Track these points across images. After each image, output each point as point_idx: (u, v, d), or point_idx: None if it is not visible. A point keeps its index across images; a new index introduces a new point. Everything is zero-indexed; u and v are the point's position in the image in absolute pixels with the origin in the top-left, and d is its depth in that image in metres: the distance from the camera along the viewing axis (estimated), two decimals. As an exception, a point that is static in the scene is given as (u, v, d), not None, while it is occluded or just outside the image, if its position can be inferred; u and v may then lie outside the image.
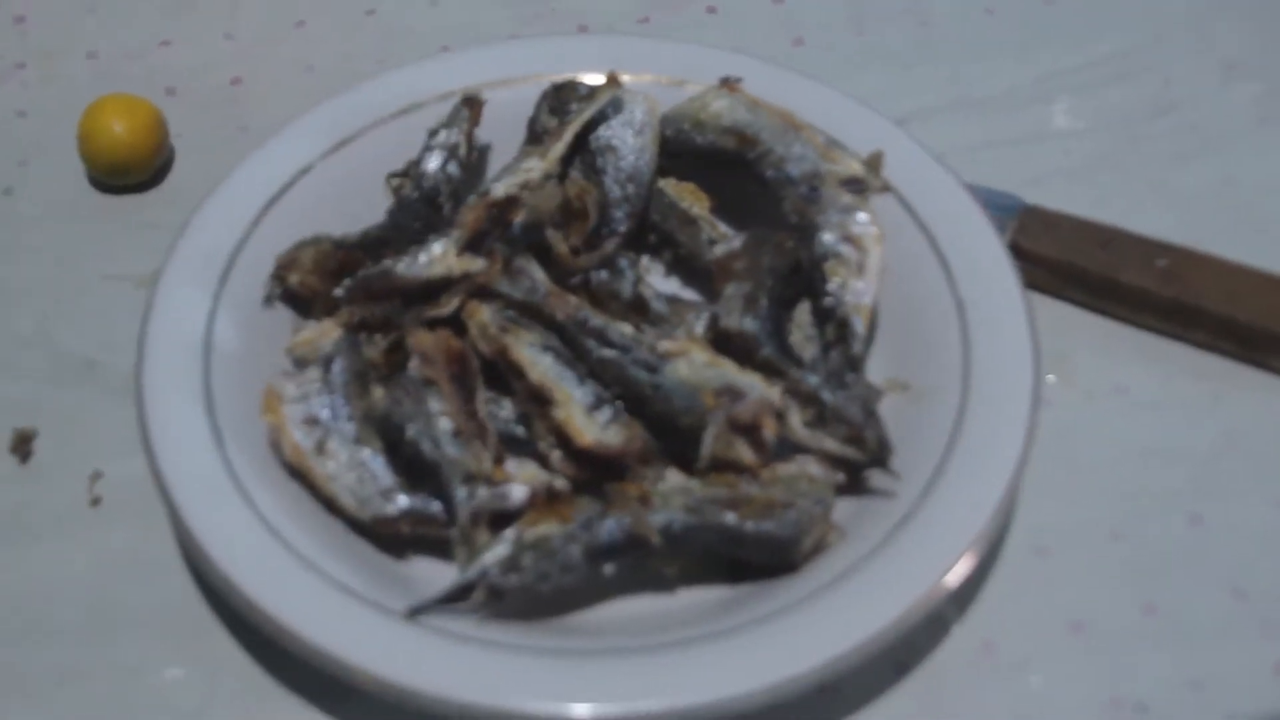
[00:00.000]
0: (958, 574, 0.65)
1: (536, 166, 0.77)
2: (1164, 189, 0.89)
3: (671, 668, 0.63)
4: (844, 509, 0.70)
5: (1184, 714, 0.68)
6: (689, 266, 0.81)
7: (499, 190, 0.76)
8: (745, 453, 0.68)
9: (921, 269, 0.77)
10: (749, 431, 0.69)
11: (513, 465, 0.69)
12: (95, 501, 0.74)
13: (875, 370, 0.75)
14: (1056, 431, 0.76)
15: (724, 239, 0.79)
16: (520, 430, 0.72)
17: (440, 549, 0.69)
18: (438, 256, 0.73)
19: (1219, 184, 0.89)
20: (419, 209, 0.78)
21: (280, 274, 0.75)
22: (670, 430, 0.70)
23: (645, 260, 0.81)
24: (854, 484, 0.71)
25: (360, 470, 0.69)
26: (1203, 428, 0.78)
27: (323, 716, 0.67)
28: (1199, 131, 0.92)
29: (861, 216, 0.75)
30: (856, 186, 0.77)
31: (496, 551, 0.65)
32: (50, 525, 0.74)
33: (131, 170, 0.87)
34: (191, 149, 0.90)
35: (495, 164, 0.84)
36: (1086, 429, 0.77)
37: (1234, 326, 0.79)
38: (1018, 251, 0.81)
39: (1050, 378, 0.78)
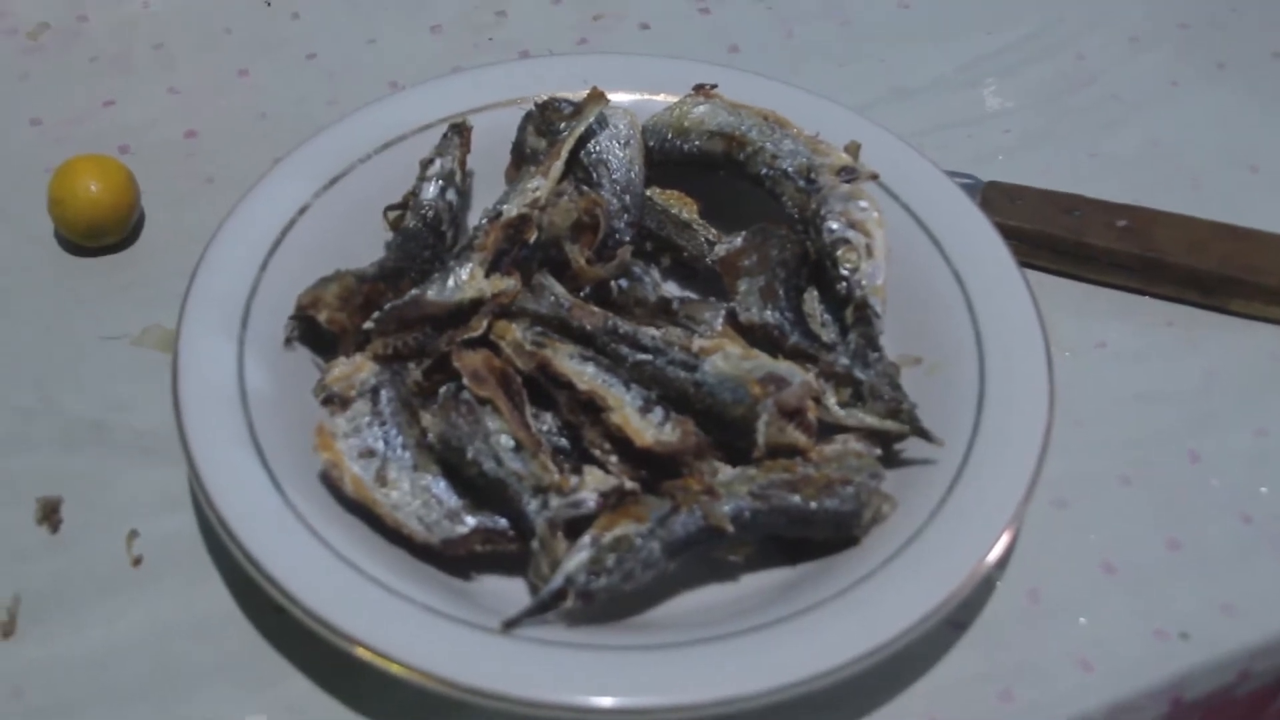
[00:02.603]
0: (1009, 535, 0.69)
1: (542, 185, 0.78)
2: (1099, 156, 0.95)
3: (766, 650, 0.65)
4: (888, 481, 0.73)
5: (1223, 636, 0.72)
6: (688, 269, 0.83)
7: (511, 211, 0.77)
8: (798, 436, 0.71)
9: (914, 247, 0.81)
10: (795, 415, 0.71)
11: (574, 476, 0.70)
12: (137, 561, 0.73)
13: (885, 348, 0.78)
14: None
15: (720, 240, 0.82)
16: (563, 441, 0.73)
17: (501, 565, 0.71)
18: (466, 280, 0.74)
19: (1146, 146, 0.96)
20: (425, 237, 0.79)
21: (304, 312, 0.75)
22: (717, 423, 0.72)
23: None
24: (890, 456, 0.74)
25: (425, 496, 0.70)
26: (1182, 371, 0.83)
27: (420, 746, 0.67)
28: (1119, 100, 0.98)
29: (862, 203, 0.78)
30: (850, 175, 0.80)
31: (579, 557, 0.66)
32: (96, 590, 0.72)
33: (108, 231, 0.86)
34: (159, 204, 0.89)
35: (479, 188, 0.85)
36: (1077, 385, 0.81)
37: (1195, 275, 0.85)
38: (987, 225, 0.86)
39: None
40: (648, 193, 0.84)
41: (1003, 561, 0.74)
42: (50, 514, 0.75)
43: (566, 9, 1.03)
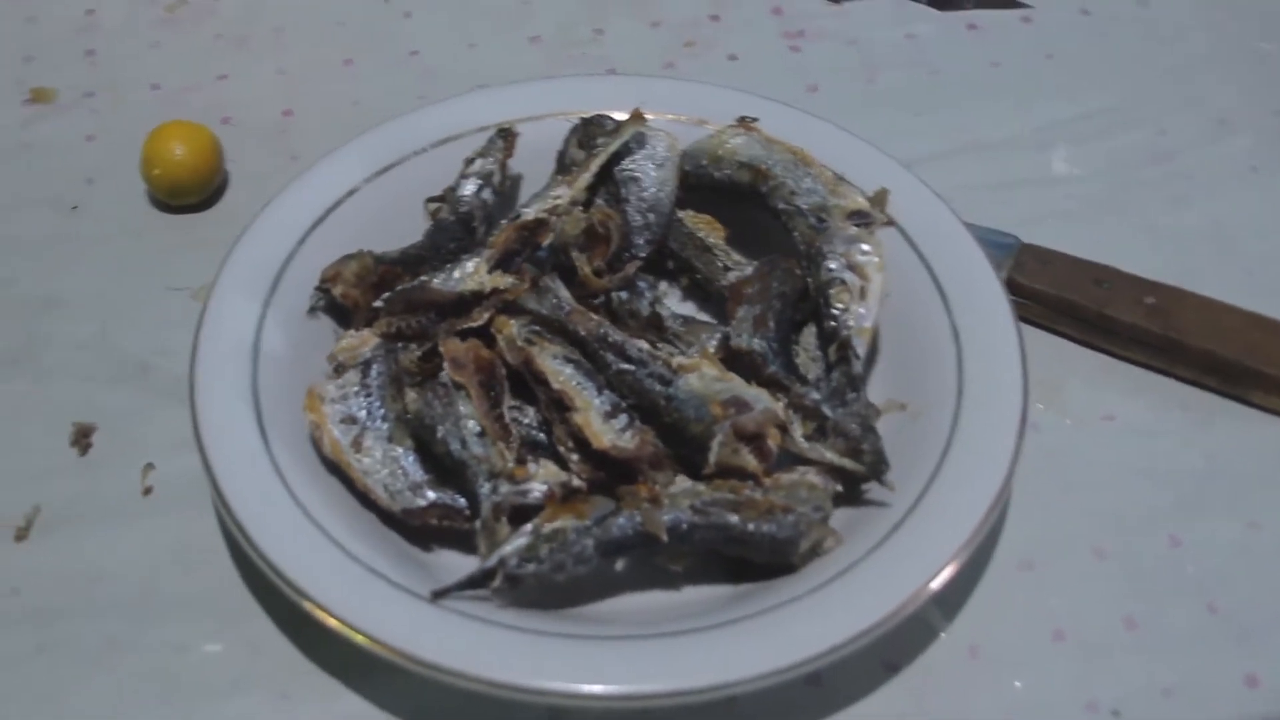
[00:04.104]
0: (941, 579, 0.70)
1: (564, 194, 0.83)
2: (1157, 232, 0.94)
3: (670, 653, 0.68)
4: (841, 517, 0.75)
5: (1154, 719, 0.72)
6: (704, 291, 0.87)
7: (529, 214, 0.82)
8: (749, 460, 0.73)
9: (921, 297, 0.82)
10: (753, 440, 0.74)
11: (533, 466, 0.74)
12: (147, 491, 0.80)
13: (876, 391, 0.80)
14: (1046, 454, 0.82)
15: (738, 266, 0.85)
16: (541, 435, 0.77)
17: (463, 542, 0.75)
18: (470, 273, 0.79)
19: (1210, 228, 0.95)
20: (455, 230, 0.84)
21: (325, 285, 0.81)
22: (680, 438, 0.75)
23: (664, 285, 0.88)
24: (851, 494, 0.76)
25: (393, 466, 0.75)
26: (1186, 454, 0.83)
27: (348, 692, 0.72)
28: (1192, 179, 0.98)
29: (865, 247, 0.81)
30: (861, 219, 0.82)
31: (516, 543, 0.70)
32: (106, 512, 0.80)
33: (189, 191, 0.93)
34: (245, 174, 0.97)
35: (526, 193, 0.90)
36: (1075, 453, 0.82)
37: (1216, 361, 0.84)
38: (1014, 287, 0.87)
39: (1039, 405, 0.83)
40: (680, 214, 0.87)
41: (950, 612, 0.76)
42: (82, 438, 0.82)
43: (662, 33, 1.07)
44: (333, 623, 0.68)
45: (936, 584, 0.70)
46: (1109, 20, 1.08)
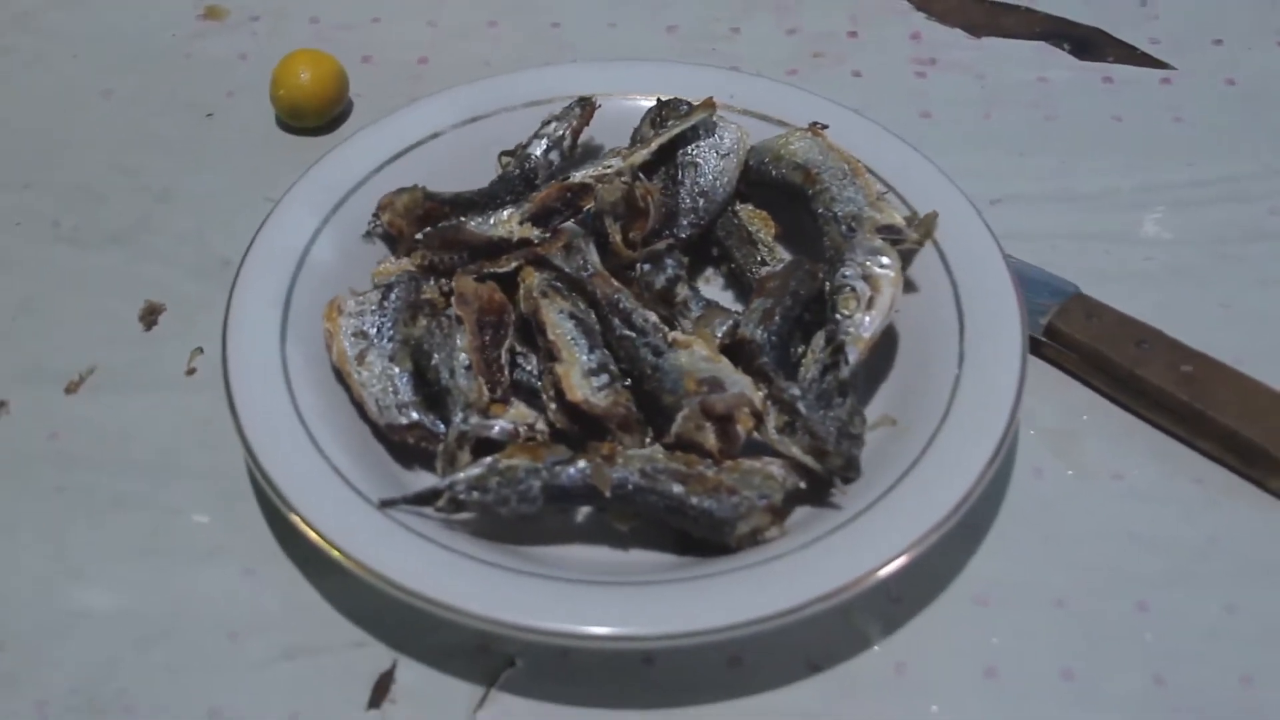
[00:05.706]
0: (869, 580, 0.71)
1: (615, 164, 0.87)
2: (1232, 308, 0.91)
3: (587, 599, 0.72)
4: (799, 514, 0.77)
5: (1063, 774, 0.72)
6: (741, 282, 0.89)
7: (576, 177, 0.86)
8: (709, 438, 0.76)
9: (940, 321, 0.83)
10: (722, 421, 0.76)
11: (509, 407, 0.78)
12: (190, 372, 0.88)
13: (877, 404, 0.82)
14: (1040, 501, 0.82)
15: (776, 264, 0.87)
16: (539, 384, 0.82)
17: (441, 466, 0.80)
18: (503, 220, 0.84)
19: (1287, 311, 0.91)
20: (515, 185, 0.89)
21: (378, 212, 0.87)
22: (656, 407, 0.78)
23: (708, 270, 0.91)
24: (817, 495, 0.77)
25: (387, 383, 0.80)
26: (1186, 528, 0.81)
27: (304, 581, 0.78)
28: (1286, 263, 0.94)
29: (884, 260, 0.81)
30: (891, 234, 0.83)
31: (470, 471, 0.75)
32: (151, 383, 0.88)
33: (308, 115, 1.01)
34: (368, 108, 1.04)
35: (603, 163, 0.94)
36: (1069, 505, 0.82)
37: (1237, 441, 0.82)
38: (1054, 333, 0.86)
39: (1048, 453, 0.84)
40: (738, 207, 0.90)
41: (889, 628, 0.76)
42: (149, 315, 0.91)
43: (795, 40, 1.09)
44: (284, 508, 0.74)
45: (856, 588, 0.71)
46: (1253, 93, 1.05)
